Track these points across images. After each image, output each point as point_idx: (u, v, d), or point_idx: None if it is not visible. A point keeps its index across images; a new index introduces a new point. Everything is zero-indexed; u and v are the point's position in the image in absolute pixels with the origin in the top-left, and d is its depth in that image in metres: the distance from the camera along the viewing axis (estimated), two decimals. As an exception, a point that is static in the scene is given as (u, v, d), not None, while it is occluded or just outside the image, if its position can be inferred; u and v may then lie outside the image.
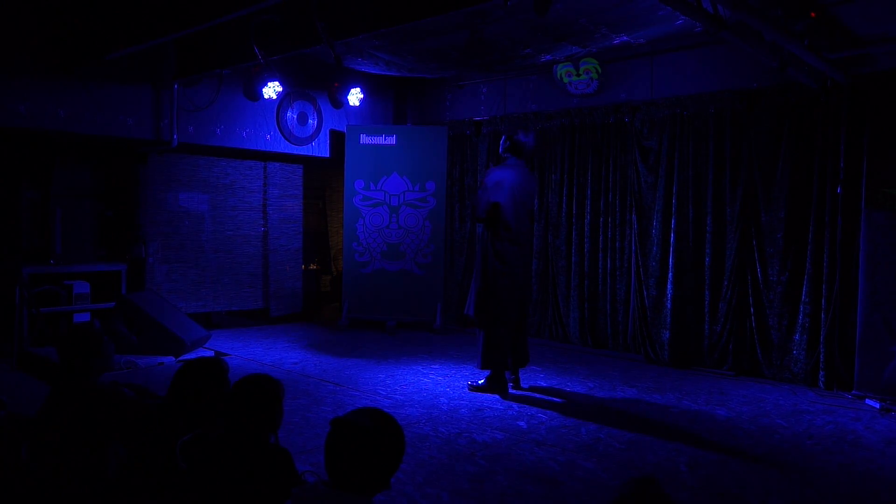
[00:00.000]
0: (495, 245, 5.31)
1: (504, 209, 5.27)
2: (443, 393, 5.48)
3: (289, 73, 7.72)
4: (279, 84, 7.34)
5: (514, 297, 5.33)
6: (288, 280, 8.62)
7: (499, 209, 5.26)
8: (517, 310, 5.40)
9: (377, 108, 9.12)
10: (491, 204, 5.26)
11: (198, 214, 7.88)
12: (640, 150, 6.92)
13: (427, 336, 7.92)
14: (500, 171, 5.35)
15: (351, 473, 1.85)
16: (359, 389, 5.52)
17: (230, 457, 2.30)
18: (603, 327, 7.32)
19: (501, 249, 5.31)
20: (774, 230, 6.06)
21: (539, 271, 7.72)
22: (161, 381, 5.29)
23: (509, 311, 5.32)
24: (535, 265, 7.70)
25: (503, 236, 5.30)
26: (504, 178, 5.32)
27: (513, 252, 5.31)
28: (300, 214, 8.79)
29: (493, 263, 5.30)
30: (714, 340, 6.38)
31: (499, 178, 5.31)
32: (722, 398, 5.52)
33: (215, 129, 7.57)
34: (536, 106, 7.84)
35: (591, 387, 5.80)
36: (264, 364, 6.36)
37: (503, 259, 5.30)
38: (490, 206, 5.27)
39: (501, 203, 5.26)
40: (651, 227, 6.81)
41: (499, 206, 5.26)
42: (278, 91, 7.46)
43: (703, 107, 6.48)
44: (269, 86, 7.33)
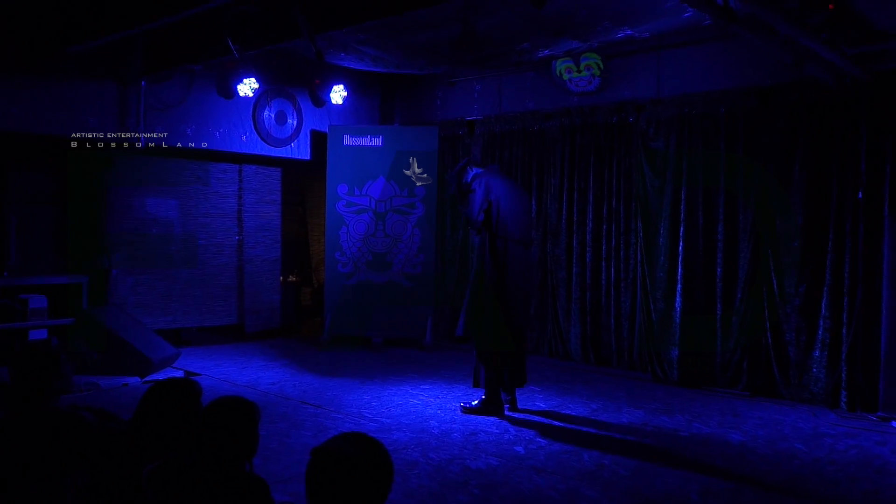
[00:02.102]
0: (495, 247, 5.30)
1: (501, 208, 5.29)
2: (433, 415, 5.45)
3: (266, 69, 7.72)
4: (256, 81, 7.32)
5: (514, 307, 5.32)
6: (265, 293, 8.59)
7: (497, 209, 5.27)
8: (517, 323, 5.39)
9: (362, 107, 9.12)
10: (487, 203, 5.26)
11: (167, 221, 7.84)
12: (645, 151, 6.95)
13: (416, 353, 7.90)
14: (485, 177, 5.38)
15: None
16: (342, 412, 5.49)
17: (201, 486, 2.28)
18: (607, 343, 7.32)
19: (500, 253, 5.30)
20: (791, 238, 6.09)
21: (537, 283, 7.72)
22: (126, 403, 5.24)
23: (508, 324, 5.31)
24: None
25: (501, 239, 5.30)
26: (492, 180, 5.35)
27: (513, 256, 5.31)
28: (278, 222, 8.76)
29: (491, 272, 5.29)
30: (727, 358, 6.39)
31: (487, 180, 5.33)
32: (736, 420, 5.51)
33: (186, 128, 7.55)
34: (534, 104, 7.86)
35: (594, 408, 5.79)
36: (239, 385, 6.32)
37: (502, 265, 5.29)
38: (486, 205, 5.27)
39: (497, 201, 5.27)
40: (658, 236, 6.82)
41: (497, 205, 5.27)
42: (255, 88, 7.45)
43: (713, 105, 6.52)
44: (245, 83, 7.32)
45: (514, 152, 7.99)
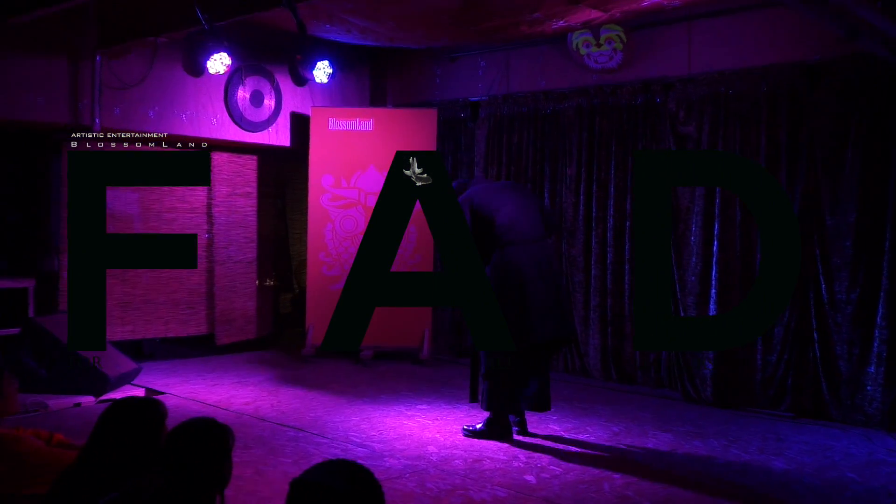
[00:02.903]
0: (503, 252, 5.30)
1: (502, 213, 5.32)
2: (432, 439, 5.45)
3: (240, 43, 7.71)
4: (228, 56, 7.31)
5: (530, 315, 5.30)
6: (238, 299, 8.58)
7: (490, 215, 5.33)
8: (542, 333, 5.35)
9: (350, 86, 9.11)
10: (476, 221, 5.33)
11: (125, 217, 7.83)
12: (674, 137, 6.94)
13: (412, 368, 7.89)
14: (468, 191, 5.53)
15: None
16: (326, 436, 5.48)
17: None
18: (630, 357, 7.32)
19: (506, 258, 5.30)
20: (842, 237, 6.09)
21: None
22: (79, 426, 5.22)
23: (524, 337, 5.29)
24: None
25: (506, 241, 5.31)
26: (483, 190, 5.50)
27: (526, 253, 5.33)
28: (254, 217, 8.76)
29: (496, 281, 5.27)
30: (768, 374, 6.39)
31: (478, 192, 5.47)
32: (778, 446, 5.51)
33: (148, 111, 7.54)
34: (546, 83, 7.86)
35: (615, 431, 5.78)
36: (208, 405, 6.31)
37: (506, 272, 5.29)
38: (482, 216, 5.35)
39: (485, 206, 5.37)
40: (689, 234, 6.83)
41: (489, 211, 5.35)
42: (227, 64, 7.45)
43: (752, 85, 6.52)
44: (216, 58, 7.31)
45: (524, 138, 7.99)
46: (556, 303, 5.37)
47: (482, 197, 5.46)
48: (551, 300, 5.35)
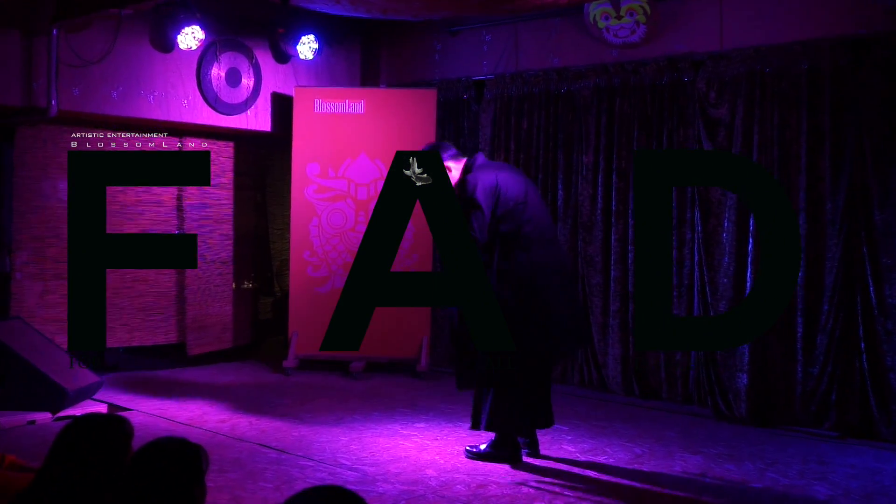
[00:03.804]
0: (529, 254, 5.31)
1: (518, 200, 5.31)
2: (431, 462, 5.45)
3: (215, 15, 7.71)
4: (201, 29, 7.31)
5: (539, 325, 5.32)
6: (213, 303, 8.59)
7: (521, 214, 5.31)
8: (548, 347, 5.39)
9: (338, 64, 9.11)
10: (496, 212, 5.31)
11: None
12: (704, 121, 6.95)
13: (409, 382, 7.90)
14: (482, 172, 5.42)
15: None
16: (312, 458, 5.49)
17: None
18: (654, 369, 7.33)
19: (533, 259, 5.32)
20: (893, 234, 6.09)
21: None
22: (33, 446, 5.23)
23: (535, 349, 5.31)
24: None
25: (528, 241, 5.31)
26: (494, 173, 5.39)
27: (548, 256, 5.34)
28: (230, 211, 8.77)
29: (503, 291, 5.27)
30: (810, 388, 6.39)
31: (488, 176, 5.37)
32: (822, 469, 5.51)
33: (111, 91, 7.54)
34: (560, 60, 7.87)
35: (638, 453, 5.79)
36: (179, 423, 6.32)
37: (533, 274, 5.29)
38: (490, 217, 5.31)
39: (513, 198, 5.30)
40: (720, 230, 6.83)
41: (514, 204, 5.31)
42: (200, 39, 7.44)
43: (792, 62, 6.52)
44: (187, 32, 7.31)
45: (535, 122, 7.99)
46: (577, 311, 5.54)
47: (510, 185, 5.38)
48: (575, 308, 5.50)
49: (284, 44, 8.29)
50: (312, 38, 8.08)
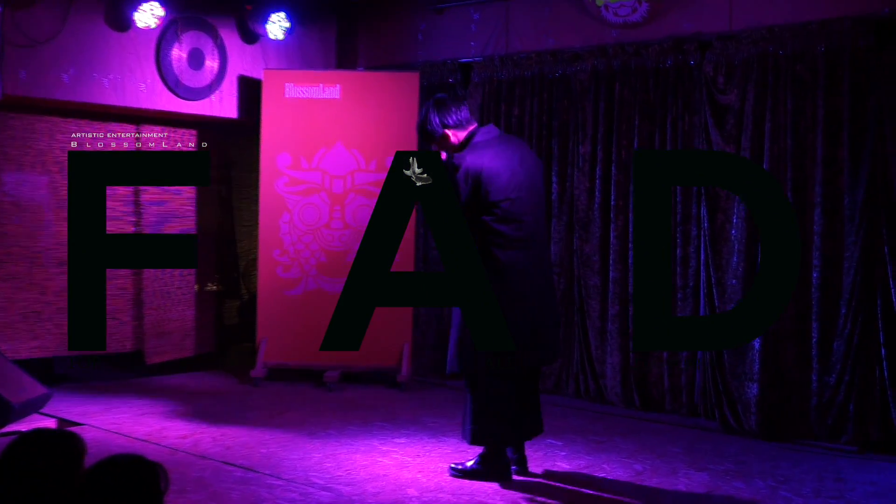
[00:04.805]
0: (494, 253, 5.31)
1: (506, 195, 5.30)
2: (412, 481, 5.46)
3: (175, -10, 7.70)
4: (160, 6, 7.29)
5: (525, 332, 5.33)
6: (174, 307, 8.56)
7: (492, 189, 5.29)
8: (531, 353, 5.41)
9: (312, 44, 9.09)
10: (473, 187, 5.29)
11: (33, 206, 7.82)
12: (712, 108, 6.98)
13: (388, 393, 7.90)
14: (476, 153, 5.39)
15: None
16: (282, 477, 5.48)
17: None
18: (657, 379, 7.36)
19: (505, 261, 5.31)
20: (916, 231, 6.14)
21: (559, 293, 7.74)
22: (-25, 465, 5.22)
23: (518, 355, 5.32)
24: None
25: (507, 240, 5.30)
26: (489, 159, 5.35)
27: (528, 260, 5.34)
28: (192, 207, 8.76)
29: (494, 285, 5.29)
30: (826, 398, 6.43)
31: (479, 160, 5.34)
32: (839, 487, 5.54)
33: (62, 74, 7.51)
34: (555, 41, 7.87)
35: (638, 470, 5.81)
36: (136, 438, 6.31)
37: (505, 277, 5.30)
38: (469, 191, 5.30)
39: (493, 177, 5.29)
40: (729, 226, 6.86)
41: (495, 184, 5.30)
42: (159, 17, 7.43)
43: (808, 43, 6.55)
44: (145, 8, 7.30)
45: (527, 108, 8.01)
46: (555, 323, 5.65)
47: (501, 176, 5.31)
48: (554, 319, 5.61)
49: (253, 22, 8.28)
50: (283, 16, 8.08)
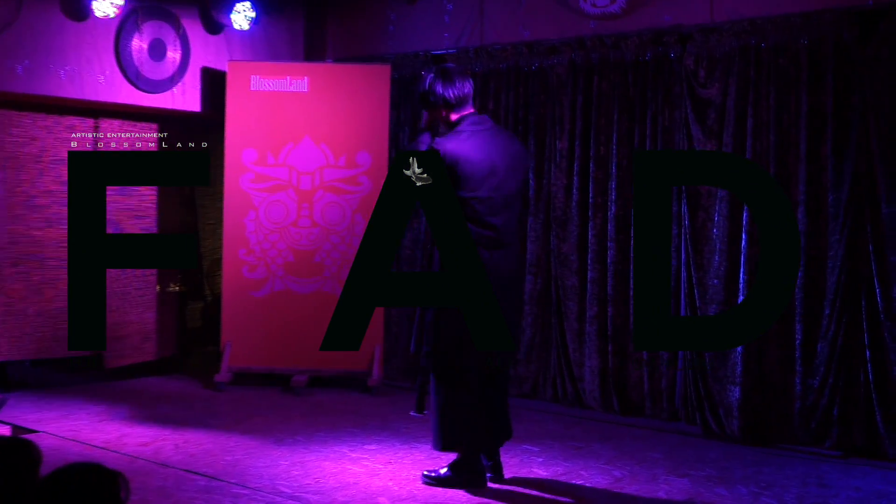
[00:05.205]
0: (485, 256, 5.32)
1: (475, 195, 5.30)
2: (383, 490, 5.45)
3: (135, -23, 7.66)
4: (120, -6, 7.25)
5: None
6: (133, 309, 8.52)
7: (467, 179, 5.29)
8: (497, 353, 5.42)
9: (279, 35, 9.07)
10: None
11: (-14, 204, 7.76)
12: (692, 102, 7.01)
13: (358, 398, 7.90)
14: (459, 141, 5.37)
15: None
16: (248, 486, 5.47)
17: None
18: (637, 382, 7.38)
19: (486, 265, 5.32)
20: (902, 229, 6.18)
21: (536, 293, 7.77)
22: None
23: (485, 355, 5.34)
24: (528, 283, 7.75)
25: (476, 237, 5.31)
26: (468, 151, 5.34)
27: (492, 260, 5.33)
28: (153, 204, 8.72)
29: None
30: (810, 402, 6.46)
31: (458, 150, 5.32)
32: (823, 493, 5.57)
33: (15, 65, 7.45)
34: (530, 33, 7.88)
35: (617, 476, 5.82)
36: (94, 446, 6.27)
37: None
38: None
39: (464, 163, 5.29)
40: (710, 224, 6.89)
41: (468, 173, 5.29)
42: (119, 6, 7.39)
43: (791, 36, 6.58)
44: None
45: (502, 102, 8.01)
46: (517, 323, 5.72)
47: (475, 169, 5.31)
48: (518, 321, 5.65)
49: (216, 12, 8.25)
50: (249, 6, 8.05)
